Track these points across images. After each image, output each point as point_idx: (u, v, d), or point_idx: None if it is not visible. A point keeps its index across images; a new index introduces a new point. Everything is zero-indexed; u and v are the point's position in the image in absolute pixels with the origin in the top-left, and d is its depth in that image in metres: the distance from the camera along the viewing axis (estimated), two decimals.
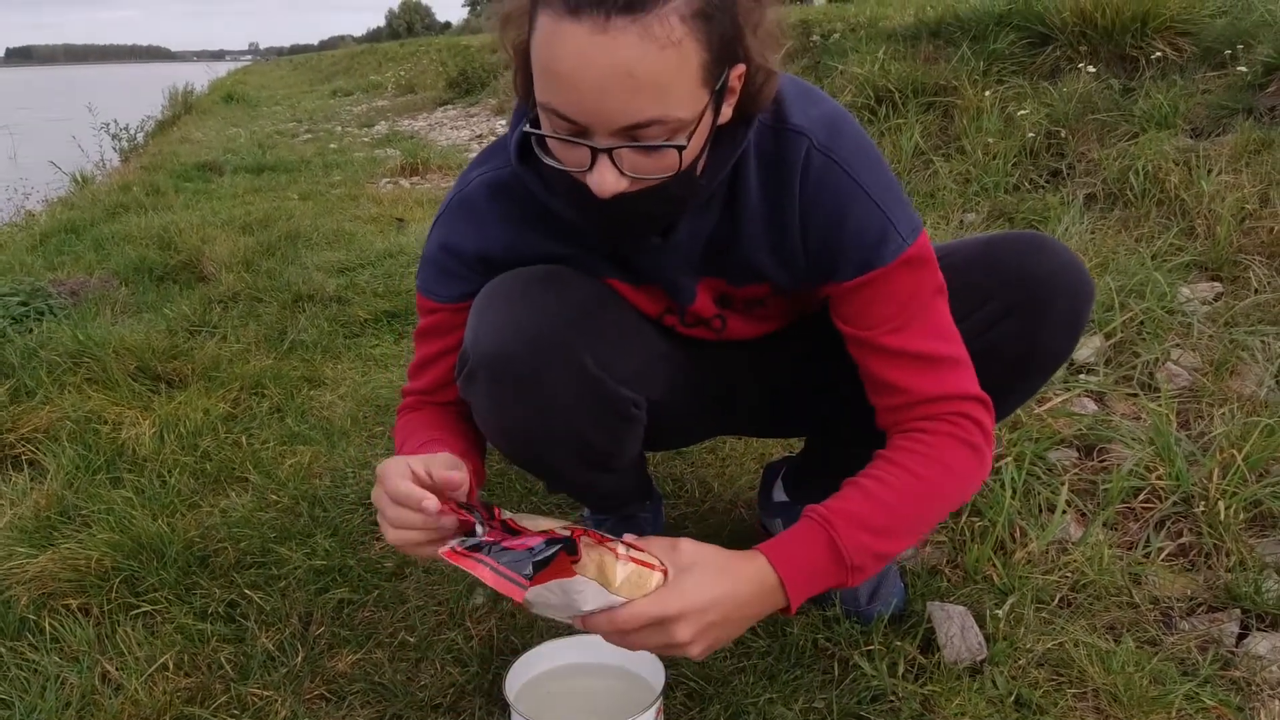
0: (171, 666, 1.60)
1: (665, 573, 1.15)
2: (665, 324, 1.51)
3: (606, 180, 1.11)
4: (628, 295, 1.45)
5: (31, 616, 1.74)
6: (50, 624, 1.71)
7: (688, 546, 1.18)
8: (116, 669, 1.61)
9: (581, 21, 1.02)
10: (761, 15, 1.15)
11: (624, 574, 1.12)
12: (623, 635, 1.14)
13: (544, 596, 1.11)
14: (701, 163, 1.22)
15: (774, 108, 1.27)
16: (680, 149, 1.10)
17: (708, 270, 1.40)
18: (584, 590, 1.11)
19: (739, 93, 1.19)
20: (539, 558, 1.09)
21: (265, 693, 1.54)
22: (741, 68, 1.15)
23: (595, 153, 1.10)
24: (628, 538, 1.17)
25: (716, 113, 1.15)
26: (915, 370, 1.29)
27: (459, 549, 1.15)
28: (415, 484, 1.15)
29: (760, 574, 1.18)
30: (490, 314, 1.32)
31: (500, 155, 1.36)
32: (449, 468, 1.19)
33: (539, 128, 1.17)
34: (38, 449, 2.40)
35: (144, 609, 1.76)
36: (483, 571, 1.12)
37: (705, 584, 1.14)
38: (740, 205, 1.32)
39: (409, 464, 1.16)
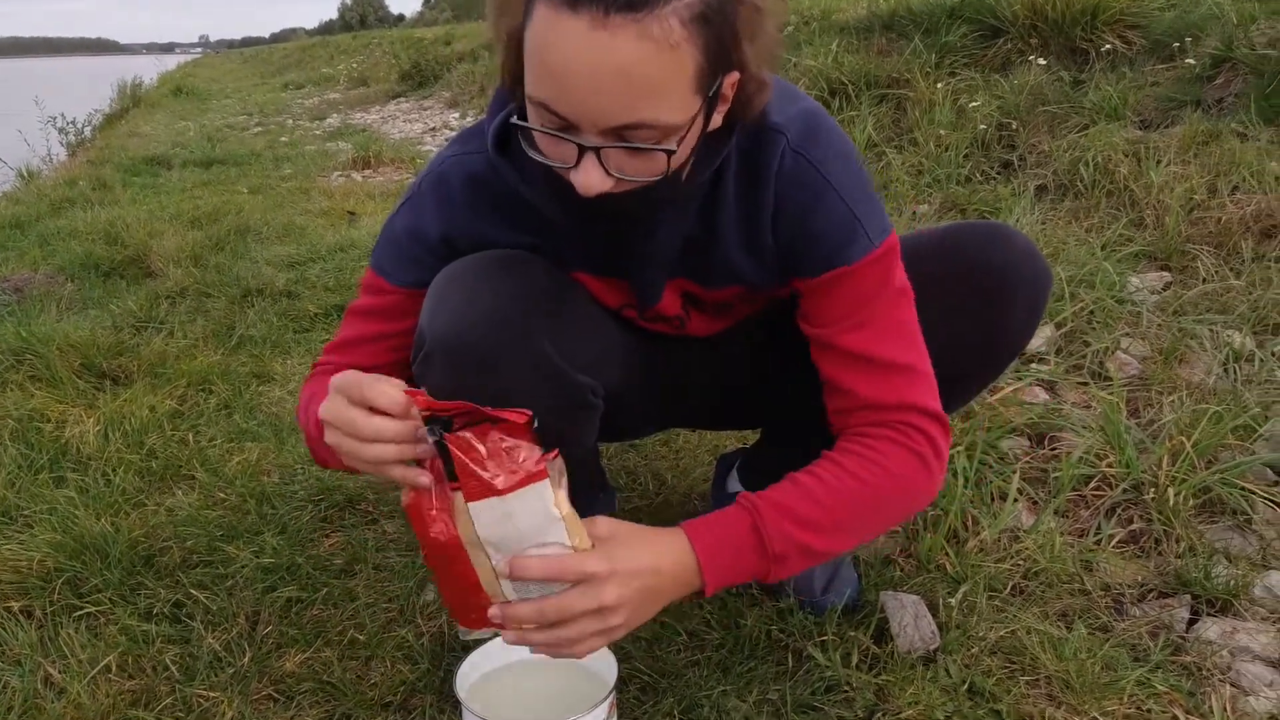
0: (115, 669, 1.57)
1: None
2: (624, 316, 1.50)
3: (592, 179, 1.09)
4: (589, 286, 1.44)
5: None
6: None
7: (604, 521, 1.18)
8: (59, 672, 1.57)
9: (580, 15, 0.99)
10: (761, 24, 1.12)
11: (567, 508, 1.13)
12: (550, 600, 1.12)
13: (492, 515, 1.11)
14: (688, 168, 1.21)
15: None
16: (670, 153, 1.08)
17: (680, 271, 1.39)
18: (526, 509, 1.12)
19: (730, 100, 1.17)
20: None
21: (212, 694, 1.51)
22: (735, 75, 1.13)
23: (582, 150, 1.08)
24: None
25: (708, 120, 1.14)
26: (867, 374, 1.28)
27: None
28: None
29: (680, 551, 1.18)
30: (449, 296, 1.29)
31: (476, 140, 1.34)
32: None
33: (525, 119, 1.14)
34: None
35: (87, 610, 1.72)
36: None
37: (631, 552, 1.15)
38: (718, 205, 1.31)
39: (359, 374, 1.14)
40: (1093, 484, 1.96)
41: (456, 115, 9.68)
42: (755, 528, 1.19)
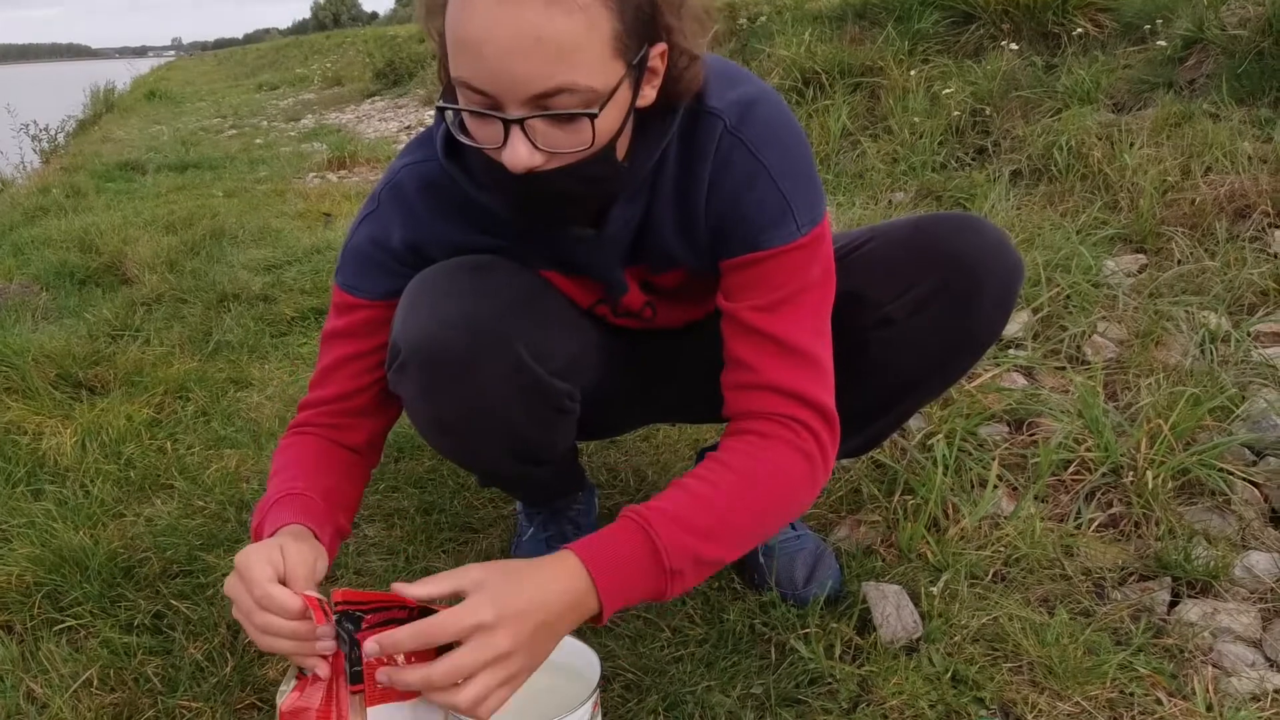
0: (97, 682, 1.55)
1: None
2: (597, 313, 1.50)
3: (519, 153, 1.09)
4: (561, 286, 1.43)
5: None
6: None
7: (476, 568, 1.07)
8: (41, 687, 1.56)
9: None
10: None
11: None
12: (441, 662, 1.00)
13: None
14: (624, 147, 1.21)
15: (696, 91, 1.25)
16: (592, 117, 1.08)
17: (632, 259, 1.39)
18: None
19: (662, 75, 1.17)
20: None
21: (194, 704, 1.50)
22: (662, 46, 1.14)
23: (507, 125, 1.08)
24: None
25: (635, 90, 1.14)
26: (770, 354, 1.27)
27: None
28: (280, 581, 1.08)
29: (570, 576, 1.09)
30: (421, 303, 1.29)
31: (427, 147, 1.34)
32: (307, 558, 1.12)
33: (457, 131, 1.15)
34: None
35: (68, 624, 1.71)
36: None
37: (514, 588, 1.04)
38: (657, 188, 1.30)
39: (270, 557, 1.10)
40: (1072, 469, 1.96)
41: (431, 113, 9.63)
42: (650, 542, 1.12)
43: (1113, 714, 1.40)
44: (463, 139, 1.16)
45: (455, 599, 1.04)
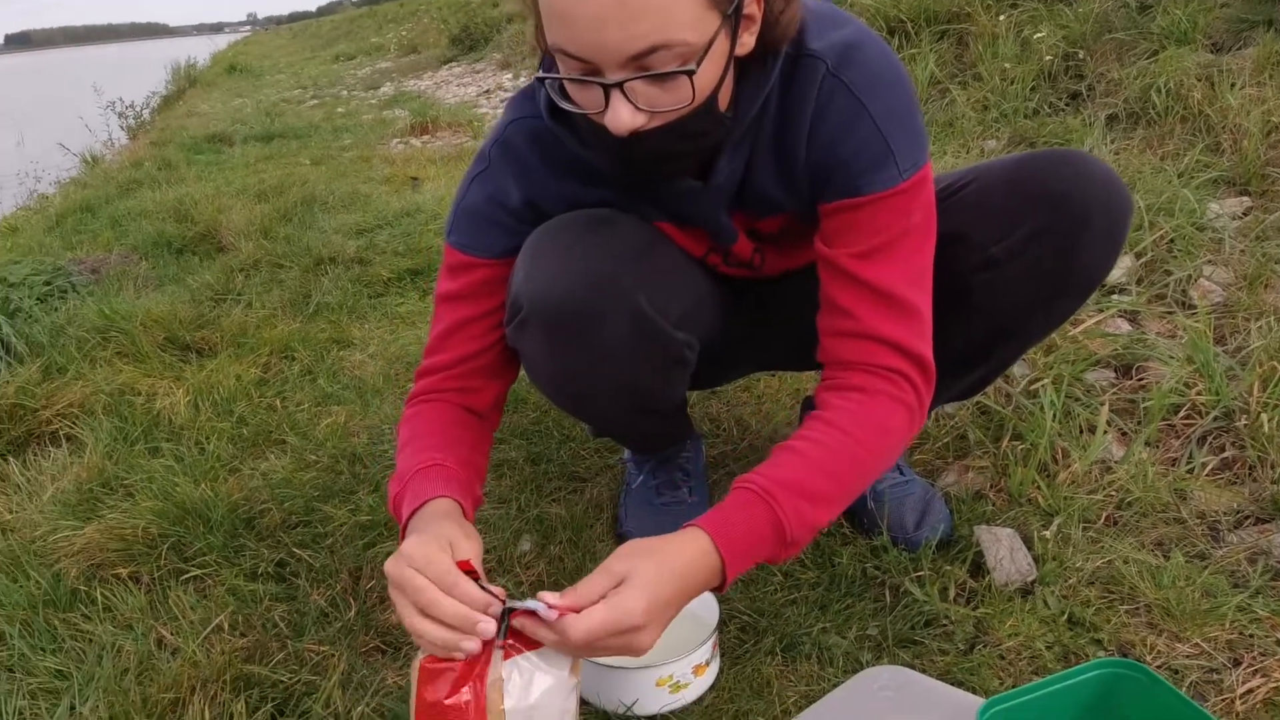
0: (226, 627, 1.61)
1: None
2: (708, 263, 1.50)
3: (622, 116, 1.09)
4: (674, 236, 1.44)
5: (82, 588, 1.76)
6: (101, 594, 1.72)
7: (620, 560, 1.10)
8: (171, 633, 1.62)
9: None
10: None
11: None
12: (581, 645, 1.06)
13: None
14: (726, 97, 1.20)
15: (795, 33, 1.24)
16: (690, 74, 1.07)
17: (736, 204, 1.39)
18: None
19: (759, 21, 1.16)
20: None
21: (321, 648, 1.55)
22: None
23: (607, 90, 1.08)
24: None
25: (733, 39, 1.12)
26: (868, 301, 1.25)
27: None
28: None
29: (704, 555, 1.13)
30: (542, 259, 1.29)
31: (530, 104, 1.34)
32: (478, 552, 1.14)
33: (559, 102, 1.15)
34: (74, 424, 2.41)
35: (194, 573, 1.77)
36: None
37: (659, 579, 1.08)
38: (760, 137, 1.29)
39: (445, 559, 1.08)
40: (1182, 413, 1.93)
41: (510, 76, 9.65)
42: (774, 515, 1.15)
43: (1232, 655, 1.39)
44: (565, 105, 1.16)
45: None
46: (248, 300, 3.27)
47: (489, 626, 1.06)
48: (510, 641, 1.10)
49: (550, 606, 1.06)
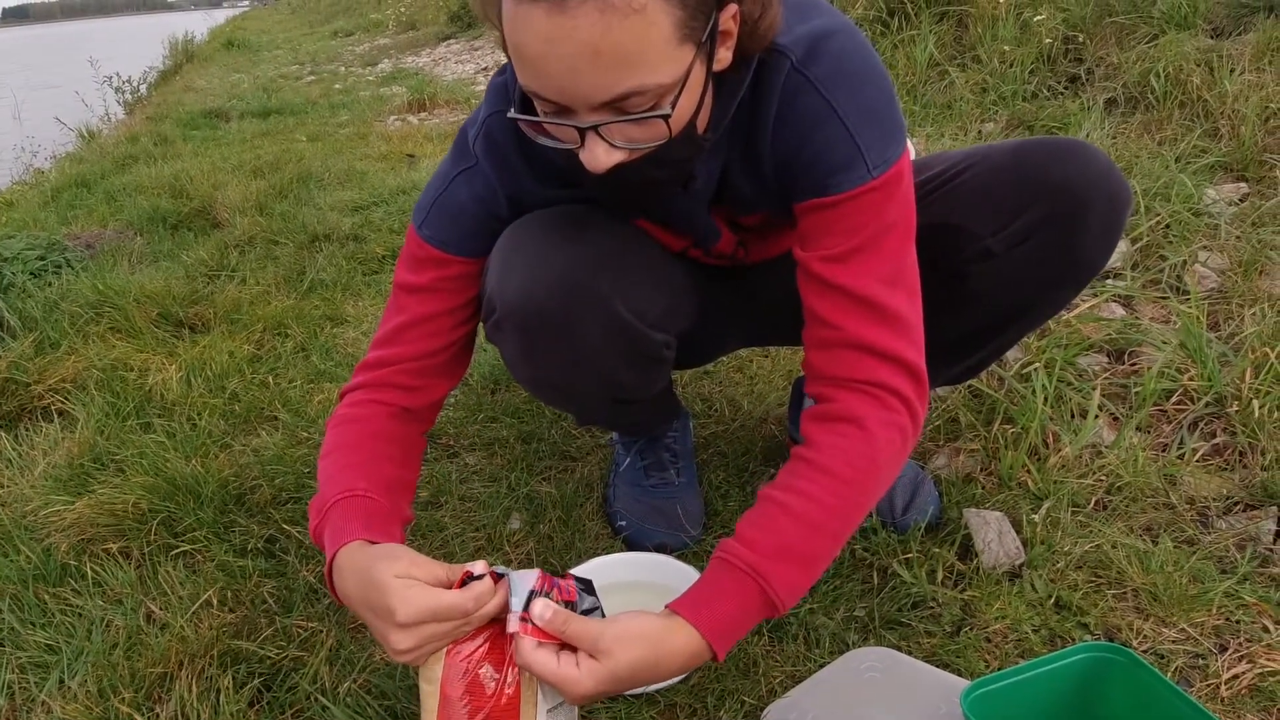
0: (215, 603, 1.61)
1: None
2: (689, 256, 1.49)
3: (599, 157, 1.07)
4: (653, 233, 1.43)
5: (72, 562, 1.76)
6: (91, 568, 1.73)
7: (606, 644, 1.08)
8: (160, 608, 1.62)
9: (537, 3, 0.96)
10: None
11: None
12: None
13: None
14: (704, 119, 1.17)
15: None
16: (665, 117, 1.04)
17: (715, 200, 1.37)
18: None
19: (735, 34, 1.12)
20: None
21: (309, 624, 1.56)
22: (733, 8, 1.08)
23: (582, 132, 1.06)
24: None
25: (709, 63, 1.09)
26: (847, 309, 1.20)
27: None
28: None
29: (687, 644, 1.10)
30: (516, 260, 1.27)
31: (506, 97, 1.30)
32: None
33: (529, 108, 1.12)
34: (66, 399, 2.40)
35: (184, 549, 1.77)
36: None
37: (623, 676, 1.08)
38: (733, 136, 1.26)
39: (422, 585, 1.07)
40: (1174, 398, 1.93)
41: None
42: (764, 593, 1.12)
43: (1219, 641, 1.39)
44: (541, 140, 1.13)
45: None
46: (242, 277, 3.27)
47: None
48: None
49: (522, 618, 1.06)
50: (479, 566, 1.08)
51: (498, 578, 1.09)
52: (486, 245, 1.33)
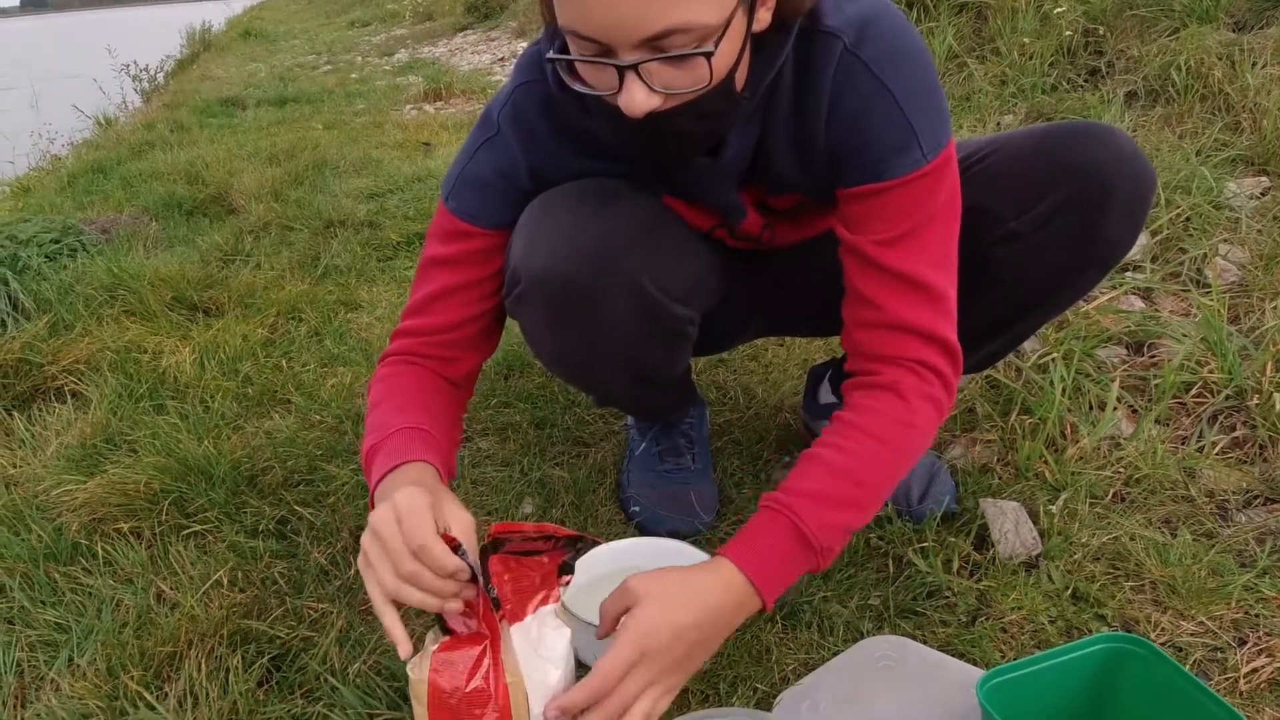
0: (226, 583, 1.61)
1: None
2: (715, 237, 1.48)
3: (636, 99, 1.06)
4: (680, 211, 1.42)
5: (83, 541, 1.75)
6: (102, 548, 1.72)
7: (636, 584, 1.12)
8: (171, 588, 1.62)
9: None
10: None
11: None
12: (619, 687, 1.07)
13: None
14: (742, 76, 1.17)
15: (810, 8, 1.19)
16: (708, 55, 1.04)
17: (747, 179, 1.36)
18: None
19: None
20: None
21: (320, 605, 1.55)
22: None
23: (621, 71, 1.05)
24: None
25: (750, 17, 1.09)
26: (895, 291, 1.23)
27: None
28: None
29: (729, 581, 1.13)
30: (543, 231, 1.27)
31: (539, 67, 1.30)
32: (469, 525, 1.13)
33: (566, 53, 1.12)
34: (79, 380, 2.40)
35: (195, 529, 1.76)
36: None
37: (671, 606, 1.09)
38: (773, 113, 1.26)
39: (430, 511, 1.07)
40: (1194, 391, 1.91)
41: (525, 44, 9.59)
42: (796, 529, 1.15)
43: (1238, 634, 1.38)
44: (576, 86, 1.12)
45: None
46: (256, 262, 3.26)
47: (456, 605, 1.08)
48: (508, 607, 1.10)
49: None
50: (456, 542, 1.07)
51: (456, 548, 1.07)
52: (511, 217, 1.33)
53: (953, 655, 1.34)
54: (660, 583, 1.12)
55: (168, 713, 1.35)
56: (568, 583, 1.16)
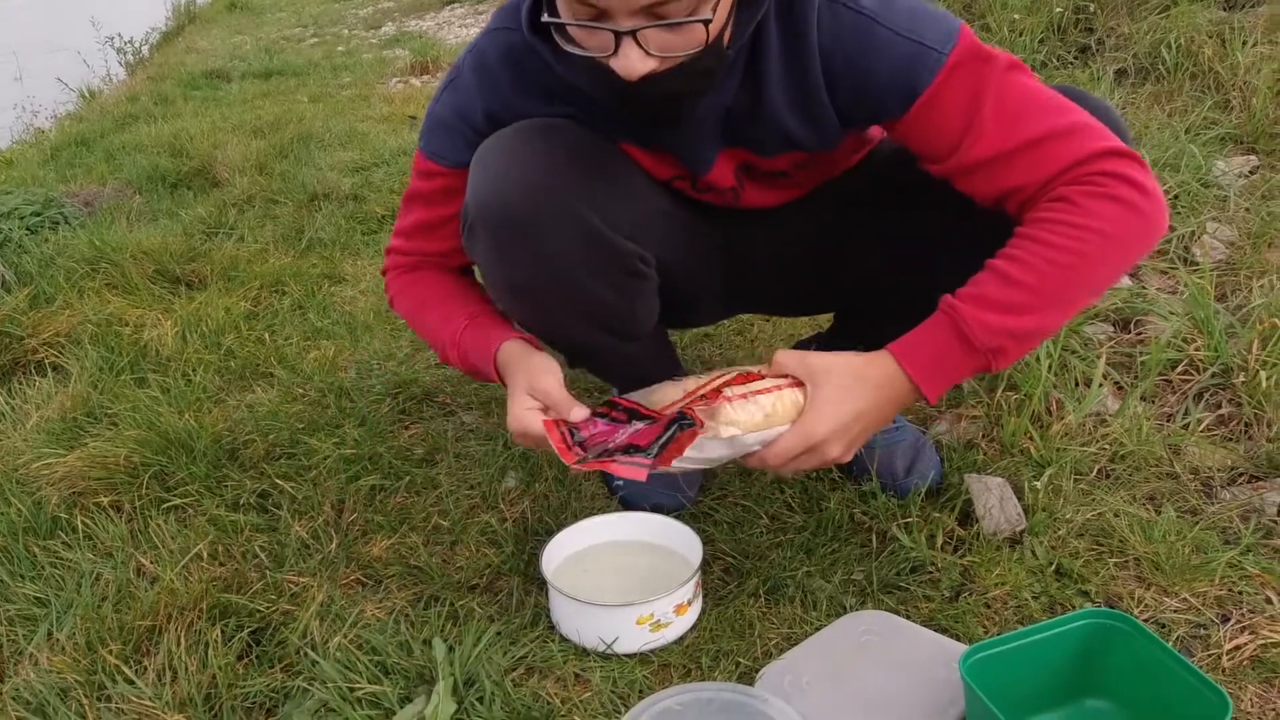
0: (206, 556, 1.60)
1: (797, 384, 1.24)
2: (674, 187, 1.48)
3: (633, 63, 1.08)
4: (637, 158, 1.42)
5: (63, 515, 1.74)
6: (82, 521, 1.71)
7: (815, 359, 1.23)
8: (151, 562, 1.61)
9: None
10: None
11: (749, 415, 1.19)
12: (781, 468, 1.23)
13: (684, 464, 1.19)
14: (728, 32, 1.17)
15: None
16: (706, 23, 1.05)
17: (732, 141, 1.36)
18: (713, 446, 1.20)
19: None
20: (662, 441, 1.18)
21: (301, 579, 1.54)
22: None
23: (619, 36, 1.06)
24: (737, 375, 1.24)
25: None
26: (1022, 163, 1.21)
27: (588, 459, 1.21)
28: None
29: (892, 376, 1.22)
30: (489, 165, 1.30)
31: (511, 17, 1.32)
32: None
33: (557, 14, 1.12)
34: (60, 353, 2.39)
35: (175, 503, 1.75)
36: (613, 468, 1.18)
37: (844, 399, 1.20)
38: (761, 71, 1.27)
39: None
40: (1180, 368, 1.91)
41: None
42: (956, 328, 1.19)
43: (1221, 611, 1.38)
44: (570, 49, 1.13)
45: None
46: (240, 234, 3.24)
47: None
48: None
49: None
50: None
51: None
52: (469, 157, 1.36)
53: (936, 630, 1.35)
54: (837, 363, 1.23)
55: (146, 686, 1.33)
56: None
